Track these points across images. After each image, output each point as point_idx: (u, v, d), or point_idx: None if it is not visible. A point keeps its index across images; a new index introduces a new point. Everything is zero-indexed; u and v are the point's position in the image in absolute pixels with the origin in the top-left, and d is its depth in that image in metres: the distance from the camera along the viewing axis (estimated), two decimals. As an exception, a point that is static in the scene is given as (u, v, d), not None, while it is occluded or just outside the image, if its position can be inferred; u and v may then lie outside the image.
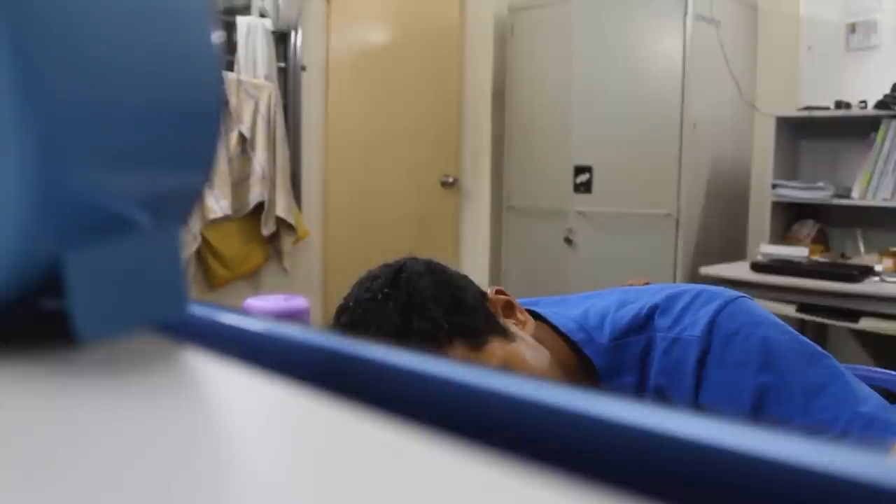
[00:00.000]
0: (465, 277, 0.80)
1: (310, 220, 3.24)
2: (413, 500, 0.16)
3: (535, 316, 0.85)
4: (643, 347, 0.77)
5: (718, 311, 0.75)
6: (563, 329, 0.81)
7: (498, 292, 0.83)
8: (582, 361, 0.80)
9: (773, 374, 0.71)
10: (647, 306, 0.79)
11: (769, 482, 0.17)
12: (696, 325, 0.75)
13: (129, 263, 0.25)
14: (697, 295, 0.78)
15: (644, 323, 0.78)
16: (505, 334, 0.76)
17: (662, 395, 0.74)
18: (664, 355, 0.75)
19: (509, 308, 0.82)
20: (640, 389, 0.76)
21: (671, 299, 0.79)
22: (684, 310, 0.77)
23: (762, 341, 0.73)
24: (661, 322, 0.77)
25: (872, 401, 0.74)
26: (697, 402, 0.72)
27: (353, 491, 0.16)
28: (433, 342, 0.69)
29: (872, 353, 2.82)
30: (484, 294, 0.80)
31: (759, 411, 0.70)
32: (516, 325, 0.80)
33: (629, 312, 0.80)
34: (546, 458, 0.18)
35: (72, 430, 0.19)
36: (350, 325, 0.72)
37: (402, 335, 0.69)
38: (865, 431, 0.70)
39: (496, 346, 0.73)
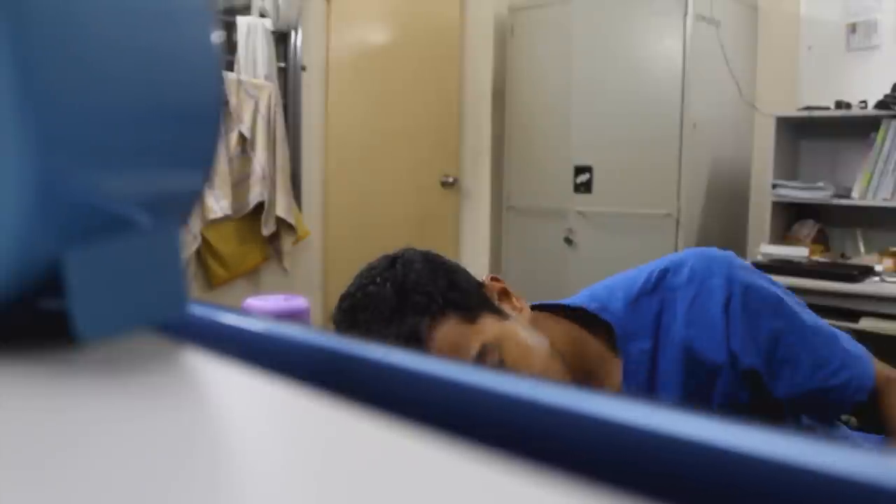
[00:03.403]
0: (460, 266, 0.81)
1: (310, 220, 3.24)
2: (413, 499, 0.16)
3: (535, 308, 0.86)
4: (658, 310, 0.79)
5: (730, 266, 0.79)
6: (574, 304, 0.83)
7: (493, 279, 0.84)
8: (594, 336, 0.81)
9: (783, 320, 0.78)
10: (657, 270, 0.81)
11: (769, 482, 0.17)
12: (713, 276, 0.78)
13: (129, 263, 0.25)
14: (701, 255, 0.82)
15: (655, 285, 0.80)
16: (500, 314, 0.78)
17: (691, 352, 0.77)
18: (690, 307, 0.78)
19: (505, 294, 0.83)
20: (655, 355, 0.79)
21: (678, 262, 0.81)
22: (695, 268, 0.80)
23: (769, 290, 0.79)
24: (676, 280, 0.80)
25: (841, 334, 0.84)
26: (729, 348, 0.76)
27: (353, 490, 0.16)
28: (427, 314, 0.72)
29: (872, 353, 2.82)
30: (479, 281, 0.82)
31: (772, 354, 0.76)
32: (512, 310, 0.82)
33: (639, 278, 0.82)
34: (546, 458, 0.18)
35: (72, 430, 0.19)
36: (350, 310, 0.75)
37: (399, 312, 0.72)
38: (852, 363, 0.81)
39: (490, 322, 0.75)
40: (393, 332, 0.72)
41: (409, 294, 0.73)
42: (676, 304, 0.79)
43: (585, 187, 3.11)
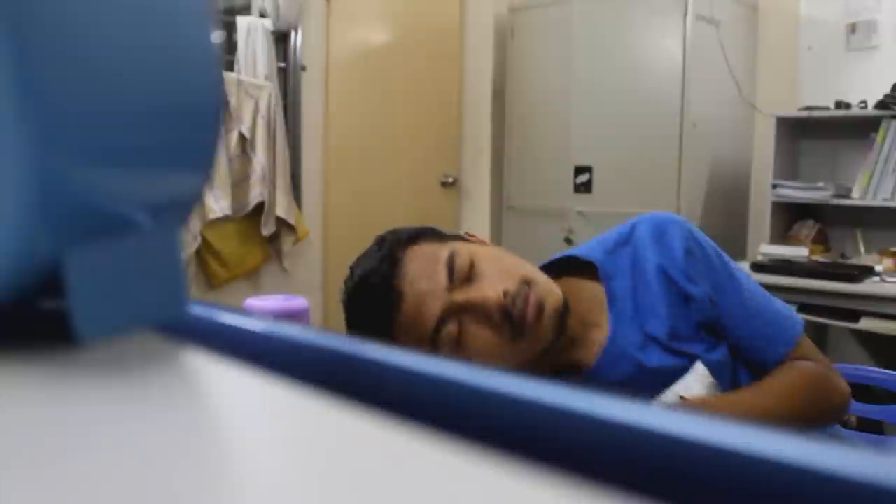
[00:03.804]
0: None
1: (310, 220, 3.24)
2: (413, 499, 0.16)
3: None
4: (632, 255, 0.90)
5: (684, 222, 0.93)
6: (556, 257, 0.95)
7: (471, 235, 0.93)
8: (583, 279, 0.92)
9: (728, 267, 0.92)
10: (627, 226, 0.94)
11: (769, 482, 0.17)
12: (673, 223, 0.92)
13: (129, 263, 0.25)
14: (661, 214, 0.95)
15: (627, 238, 0.92)
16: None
17: (667, 276, 0.88)
18: (658, 246, 0.90)
19: (483, 243, 0.91)
20: (636, 291, 0.89)
21: (643, 219, 0.94)
22: (656, 221, 0.93)
23: (714, 245, 0.95)
24: (643, 231, 0.92)
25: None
26: (689, 277, 0.88)
27: (353, 490, 0.16)
28: (404, 241, 0.82)
29: (872, 353, 2.82)
30: (459, 234, 0.92)
31: (721, 289, 0.89)
32: None
33: (611, 235, 0.94)
34: (546, 458, 0.18)
35: (72, 431, 0.19)
36: (351, 282, 0.83)
37: (380, 246, 0.83)
38: (784, 314, 0.91)
39: (462, 245, 0.84)
40: (376, 260, 0.81)
41: (391, 248, 0.82)
42: (647, 249, 0.90)
43: (585, 187, 3.11)
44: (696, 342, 0.86)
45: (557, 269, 0.93)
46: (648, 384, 0.83)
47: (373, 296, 0.80)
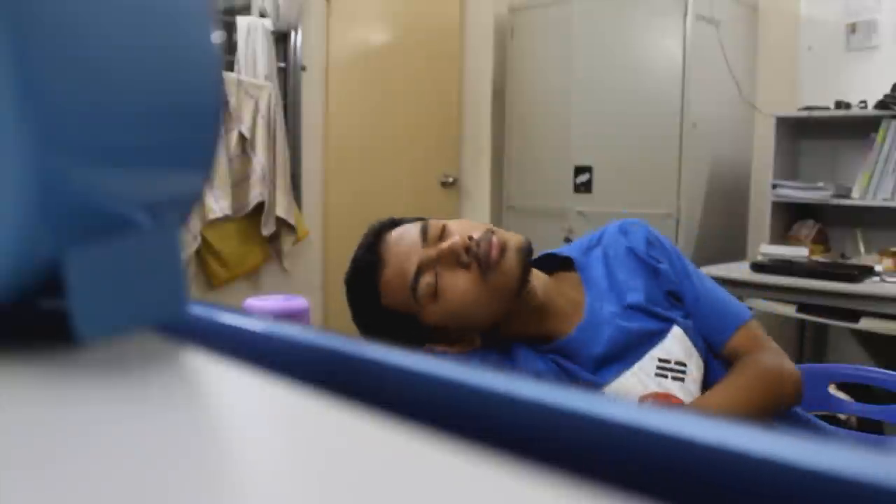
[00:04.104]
0: None
1: (310, 220, 3.24)
2: (413, 499, 0.16)
3: None
4: (603, 254, 1.03)
5: (647, 224, 1.07)
6: (539, 256, 1.04)
7: None
8: (563, 272, 1.04)
9: (685, 261, 1.04)
10: (597, 232, 1.08)
11: (769, 482, 0.17)
12: (635, 225, 1.06)
13: (129, 263, 0.25)
14: (625, 220, 1.09)
15: (598, 241, 1.06)
16: None
17: (637, 254, 1.01)
18: (626, 237, 1.04)
19: None
20: (611, 277, 1.01)
21: (610, 225, 1.08)
22: (620, 224, 1.07)
23: (673, 245, 1.07)
24: (610, 232, 1.06)
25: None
26: (650, 254, 1.01)
27: (353, 490, 0.16)
28: (384, 226, 0.95)
29: (872, 353, 2.82)
30: None
31: (681, 274, 1.01)
32: None
33: (584, 240, 1.08)
34: (545, 458, 0.18)
35: (72, 431, 0.19)
36: (354, 262, 0.95)
37: (371, 240, 0.95)
38: (733, 306, 1.02)
39: (435, 219, 0.94)
40: (364, 241, 0.95)
41: (376, 221, 0.98)
42: (615, 240, 1.04)
43: (585, 187, 3.11)
44: (671, 309, 0.97)
45: (539, 266, 1.02)
46: (632, 346, 0.93)
47: (360, 266, 0.93)
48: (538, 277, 0.96)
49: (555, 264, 1.06)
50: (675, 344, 0.93)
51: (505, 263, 0.89)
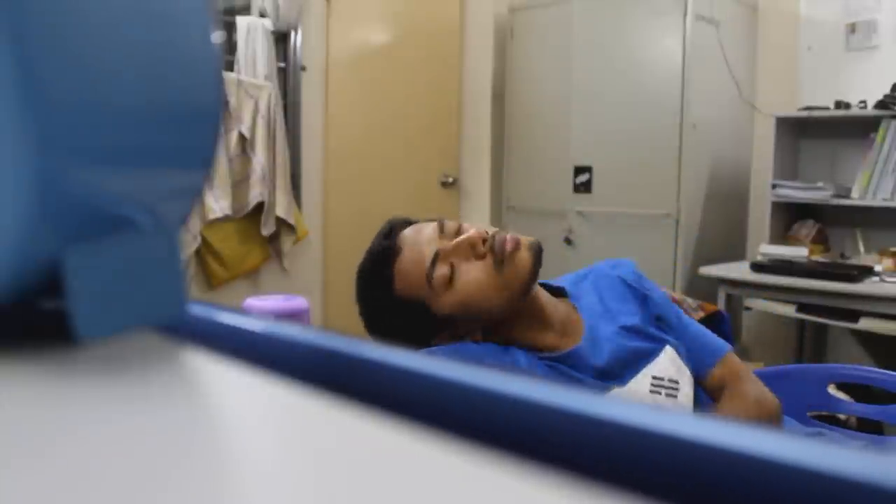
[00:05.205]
0: None
1: (310, 220, 3.24)
2: (412, 499, 0.16)
3: None
4: (594, 284, 1.09)
5: (633, 264, 1.12)
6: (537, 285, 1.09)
7: None
8: (557, 298, 1.06)
9: (669, 300, 1.10)
10: (588, 268, 1.14)
11: (770, 482, 0.17)
12: (621, 263, 1.12)
13: (129, 263, 0.25)
14: (612, 259, 1.15)
15: (587, 273, 1.12)
16: None
17: (626, 282, 1.07)
18: (615, 270, 1.10)
19: None
20: (602, 304, 1.05)
21: (599, 263, 1.14)
22: (608, 261, 1.13)
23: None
24: (599, 268, 1.12)
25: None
26: (640, 283, 1.08)
27: (352, 490, 0.16)
28: (400, 223, 0.99)
29: (872, 353, 2.82)
30: None
31: (666, 311, 1.05)
32: None
33: (576, 275, 1.14)
34: (545, 458, 0.18)
35: (72, 430, 0.19)
36: (370, 250, 0.98)
37: (387, 233, 0.98)
38: (713, 339, 1.07)
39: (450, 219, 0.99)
40: (379, 236, 0.98)
41: (392, 219, 1.01)
42: (605, 272, 1.10)
43: (585, 187, 3.10)
44: (664, 331, 1.02)
45: None
46: (629, 364, 0.96)
47: (376, 253, 0.96)
48: (541, 291, 1.00)
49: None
50: (668, 362, 0.97)
51: (518, 256, 0.93)
